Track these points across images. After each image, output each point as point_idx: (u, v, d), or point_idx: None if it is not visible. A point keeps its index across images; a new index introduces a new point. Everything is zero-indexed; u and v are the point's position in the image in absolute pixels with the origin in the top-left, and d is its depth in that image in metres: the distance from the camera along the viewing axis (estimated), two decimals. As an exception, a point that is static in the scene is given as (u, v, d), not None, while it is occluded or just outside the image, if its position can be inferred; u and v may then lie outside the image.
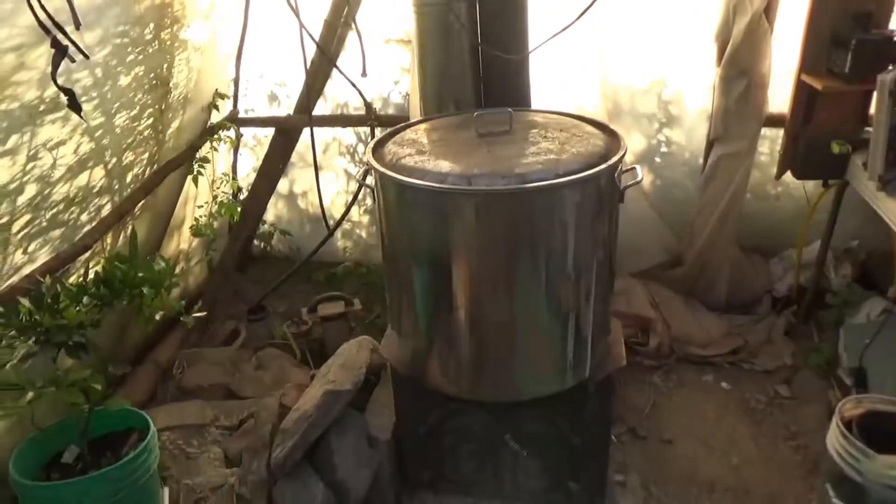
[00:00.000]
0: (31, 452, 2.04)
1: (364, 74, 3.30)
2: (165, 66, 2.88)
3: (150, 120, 2.88)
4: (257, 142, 3.98)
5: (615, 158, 1.86)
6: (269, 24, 3.58)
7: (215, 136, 3.55)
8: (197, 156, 3.44)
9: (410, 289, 2.03)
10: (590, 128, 2.12)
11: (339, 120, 3.70)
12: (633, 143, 3.55)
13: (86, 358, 2.12)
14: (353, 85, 3.39)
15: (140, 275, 2.24)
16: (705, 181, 3.43)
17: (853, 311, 3.23)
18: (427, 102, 2.57)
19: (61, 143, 2.32)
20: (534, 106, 2.59)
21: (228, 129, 3.56)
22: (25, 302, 1.97)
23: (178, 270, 3.64)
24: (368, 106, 3.54)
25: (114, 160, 2.68)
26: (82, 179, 2.51)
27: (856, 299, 3.25)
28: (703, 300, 3.59)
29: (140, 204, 2.98)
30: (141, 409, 3.13)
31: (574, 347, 2.02)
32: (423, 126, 2.22)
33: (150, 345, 3.49)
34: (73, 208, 2.50)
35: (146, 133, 2.88)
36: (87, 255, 2.63)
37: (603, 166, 1.81)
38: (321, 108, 3.81)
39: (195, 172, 3.31)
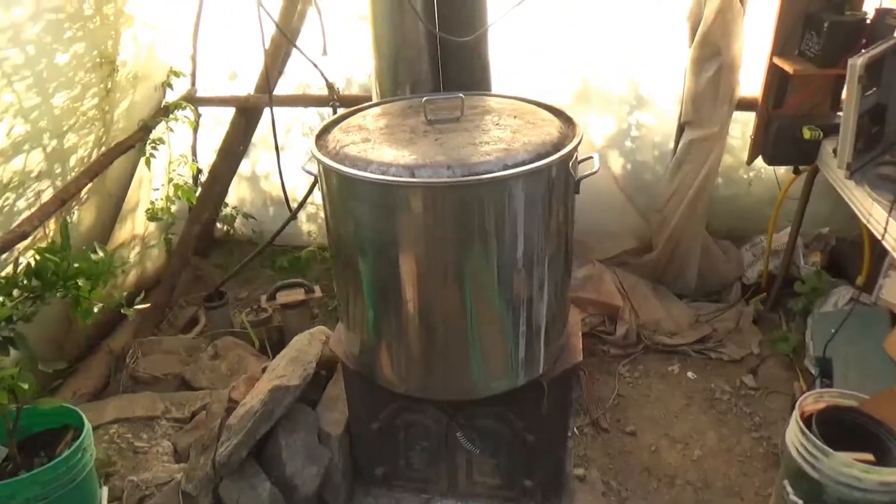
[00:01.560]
0: (-44, 454, 1.94)
1: (325, 53, 3.16)
2: (110, 42, 2.74)
3: (95, 100, 2.75)
4: (217, 121, 3.84)
5: (568, 148, 1.77)
6: (226, -2, 3.43)
7: (171, 116, 3.41)
8: (151, 137, 3.29)
9: (356, 282, 1.94)
10: (546, 114, 2.02)
11: (301, 100, 3.57)
12: (604, 125, 3.46)
13: (21, 353, 2.02)
14: (315, 65, 3.26)
15: (76, 266, 2.14)
16: (676, 165, 3.35)
17: (821, 300, 3.18)
18: (382, 85, 2.45)
19: (-11, 125, 2.19)
20: (498, 89, 2.48)
21: (184, 108, 3.42)
22: (-56, 297, 1.86)
23: (133, 255, 3.53)
24: (330, 86, 3.41)
25: (53, 143, 2.55)
26: (17, 163, 2.37)
27: (824, 287, 3.20)
28: (673, 287, 3.54)
29: (87, 188, 2.86)
30: (93, 400, 3.08)
31: (526, 344, 1.94)
32: (372, 111, 2.11)
33: (104, 332, 3.38)
34: (7, 194, 2.37)
35: (90, 114, 2.74)
36: (26, 242, 2.51)
37: (553, 157, 1.71)
38: (283, 87, 3.68)
39: (147, 154, 3.17)
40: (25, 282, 2.04)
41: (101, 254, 2.23)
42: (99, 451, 2.59)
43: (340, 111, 3.55)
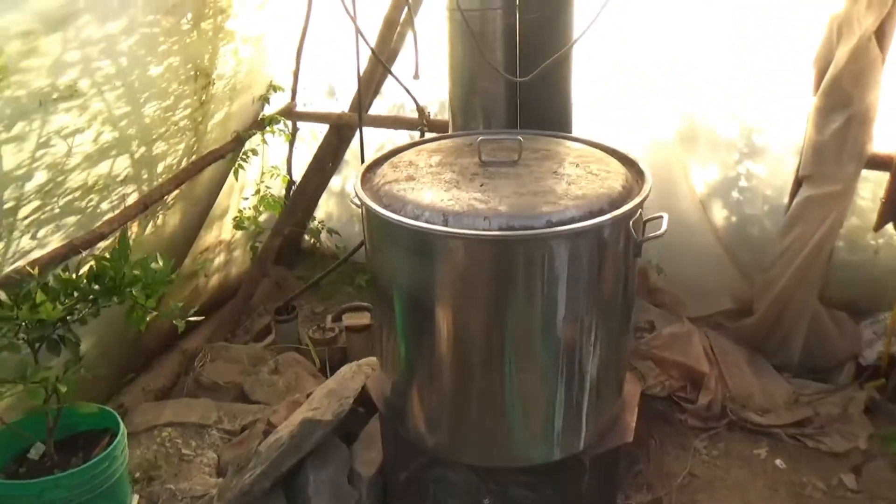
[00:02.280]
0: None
1: (416, 77, 3.11)
2: (207, 56, 2.82)
3: (188, 111, 2.84)
4: (314, 136, 3.90)
5: (626, 207, 1.57)
6: (330, 15, 3.46)
7: (266, 129, 3.48)
8: (245, 148, 3.38)
9: (390, 322, 1.83)
10: (616, 164, 1.83)
11: (391, 122, 3.53)
12: (709, 173, 3.15)
13: (70, 354, 2.09)
14: (406, 89, 3.22)
15: (135, 273, 2.19)
16: (789, 223, 2.98)
17: (953, 398, 2.70)
18: (455, 114, 2.35)
19: (77, 131, 2.29)
20: (585, 124, 2.31)
21: (278, 122, 3.48)
22: (1, 293, 1.95)
23: (217, 260, 3.63)
24: (421, 110, 3.36)
25: (142, 150, 2.65)
26: (103, 168, 2.48)
27: (958, 384, 2.72)
28: (772, 359, 3.15)
29: (174, 194, 2.96)
30: (160, 398, 3.18)
31: (565, 416, 1.75)
32: (428, 146, 2.00)
33: (184, 331, 3.50)
34: (91, 196, 2.48)
35: (182, 123, 2.83)
36: (107, 243, 2.62)
37: (606, 217, 1.52)
38: (378, 107, 3.67)
39: (237, 165, 3.25)
40: (86, 285, 2.11)
41: (160, 263, 2.28)
42: (149, 453, 2.66)
43: (426, 135, 3.53)
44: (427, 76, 3.17)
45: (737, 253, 3.20)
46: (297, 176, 3.95)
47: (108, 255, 2.07)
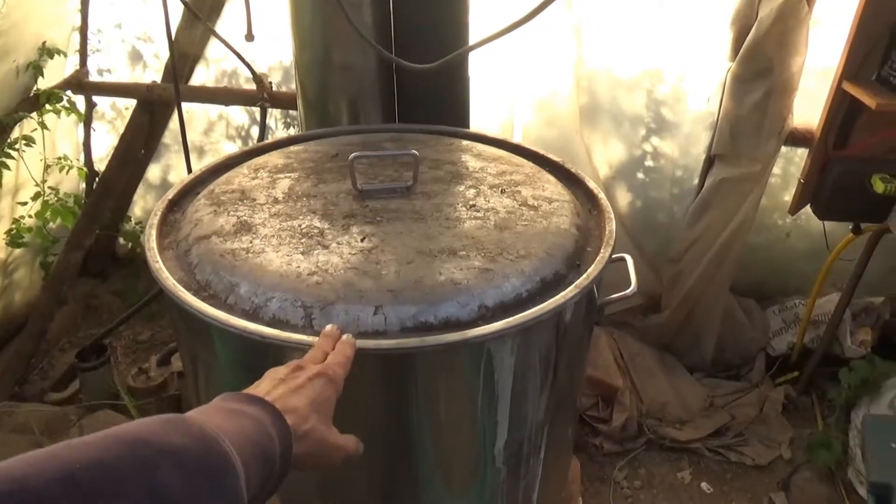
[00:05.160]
0: None
1: (250, 38, 2.35)
2: (-78, 8, 1.87)
3: None
4: (118, 114, 2.99)
5: (595, 268, 1.01)
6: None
7: (45, 109, 2.55)
8: (11, 137, 2.45)
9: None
10: (552, 182, 1.26)
11: (221, 95, 2.73)
12: (612, 151, 2.70)
13: None
14: (237, 54, 2.45)
15: None
16: (700, 208, 2.62)
17: (872, 393, 2.50)
18: (306, 93, 1.66)
19: None
20: (476, 104, 1.72)
21: (60, 98, 2.56)
22: None
23: (-10, 288, 2.69)
24: (259, 80, 2.61)
25: None
26: None
27: (876, 377, 2.52)
28: (684, 359, 2.83)
29: None
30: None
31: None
32: (270, 159, 1.31)
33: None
34: None
35: None
36: None
37: (571, 291, 0.95)
38: (203, 76, 2.84)
39: (-2, 162, 2.33)
40: None
41: None
42: None
43: (273, 115, 2.78)
44: (265, 34, 2.43)
45: (643, 242, 2.81)
46: (101, 166, 3.04)
47: None
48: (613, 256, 1.19)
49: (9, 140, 2.42)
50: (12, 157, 2.38)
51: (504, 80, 2.56)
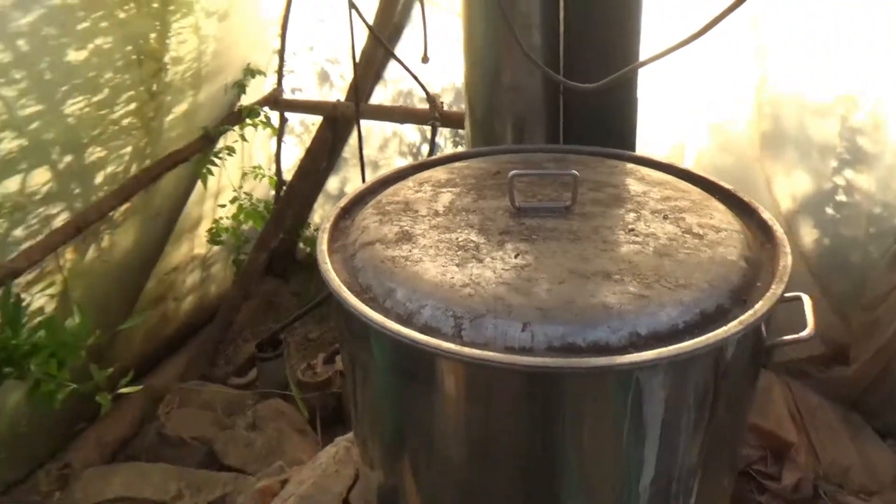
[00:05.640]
0: None
1: (425, 60, 2.47)
2: (153, 35, 2.19)
3: (132, 105, 2.22)
4: (306, 129, 3.26)
5: (763, 305, 0.93)
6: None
7: (245, 122, 2.86)
8: (218, 146, 2.77)
9: (375, 458, 1.22)
10: (722, 211, 1.18)
11: (396, 114, 2.89)
12: (796, 183, 2.47)
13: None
14: (413, 75, 2.58)
15: (35, 340, 1.60)
16: (902, 251, 2.32)
17: None
18: (474, 112, 1.70)
19: (-40, 141, 1.69)
20: (644, 136, 1.66)
21: (258, 113, 2.85)
22: None
23: (191, 280, 3.05)
24: (432, 100, 2.72)
25: (67, 158, 2.04)
26: (9, 186, 1.88)
27: None
28: (873, 421, 2.50)
29: (123, 208, 2.36)
30: (118, 451, 2.63)
31: None
32: (434, 174, 1.36)
33: (152, 364, 2.94)
34: (-1, 222, 1.89)
35: (125, 122, 2.22)
36: (27, 278, 2.04)
37: (733, 327, 0.88)
38: (381, 95, 3.03)
39: (204, 171, 2.64)
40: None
41: (77, 319, 1.69)
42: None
43: (444, 133, 2.89)
44: (439, 56, 2.54)
45: (830, 284, 2.53)
46: (288, 176, 3.34)
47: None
48: (788, 295, 1.09)
49: (214, 149, 2.74)
50: (216, 165, 2.68)
51: (677, 103, 2.45)
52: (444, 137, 3.02)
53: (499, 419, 0.96)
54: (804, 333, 1.02)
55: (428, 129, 2.87)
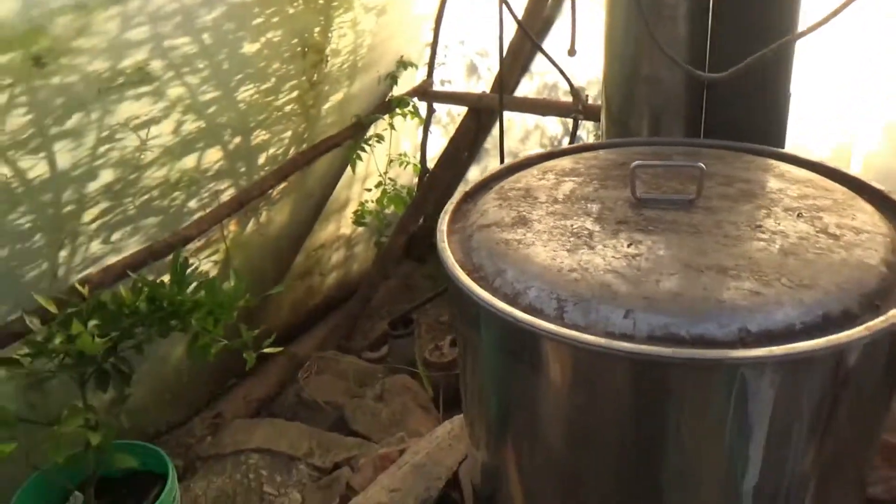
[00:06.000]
0: (36, 495, 1.76)
1: (572, 53, 2.47)
2: (317, 29, 2.38)
3: (295, 93, 2.43)
4: (452, 120, 3.37)
5: (894, 314, 0.86)
6: (473, -22, 2.90)
7: (394, 112, 3.02)
8: (369, 133, 2.95)
9: (482, 425, 1.27)
10: (868, 212, 1.09)
11: (539, 106, 2.90)
12: None
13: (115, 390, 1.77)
14: (558, 68, 2.58)
15: (197, 297, 1.81)
16: None
17: None
18: (610, 107, 1.69)
19: (152, 121, 1.95)
20: (791, 140, 1.57)
21: (408, 103, 3.00)
22: (35, 322, 1.65)
23: (336, 257, 3.27)
24: (576, 93, 2.70)
25: (236, 140, 2.28)
26: (188, 162, 2.14)
27: None
28: None
29: (280, 187, 2.59)
30: (262, 406, 2.90)
31: None
32: (560, 163, 1.37)
33: (297, 333, 3.20)
34: (175, 194, 2.16)
35: (288, 108, 2.44)
36: (197, 245, 2.31)
37: (856, 332, 0.83)
38: (527, 87, 3.06)
39: (354, 156, 2.82)
40: (141, 308, 1.77)
41: (232, 282, 1.90)
42: (229, 484, 2.36)
43: (587, 126, 2.87)
44: (586, 51, 2.52)
45: None
46: (432, 165, 3.47)
47: (143, 282, 1.69)
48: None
49: (365, 137, 2.91)
50: (365, 151, 2.86)
51: (845, 101, 2.26)
52: (587, 131, 2.99)
53: (598, 405, 0.96)
54: (953, 351, 0.93)
55: (570, 122, 2.87)
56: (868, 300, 0.90)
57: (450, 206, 1.26)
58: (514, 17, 2.42)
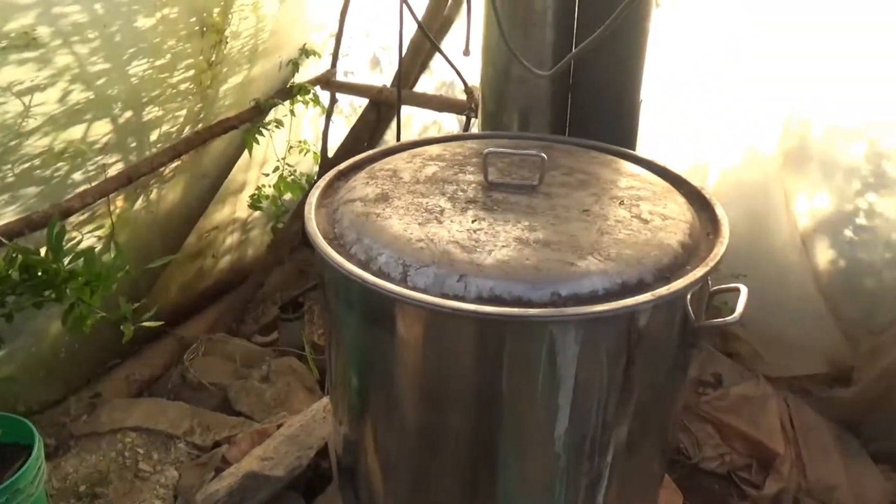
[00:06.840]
0: None
1: (466, 53, 2.60)
2: (217, 10, 2.39)
3: (191, 72, 2.43)
4: (353, 110, 3.44)
5: (681, 282, 1.03)
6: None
7: (295, 99, 3.06)
8: (268, 119, 2.97)
9: (342, 384, 1.37)
10: (680, 204, 1.27)
11: (435, 102, 3.03)
12: (817, 203, 2.49)
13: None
14: (453, 67, 2.71)
15: (72, 267, 1.81)
16: (916, 279, 2.31)
17: None
18: (485, 103, 1.83)
19: (36, 87, 1.92)
20: (670, 149, 1.77)
21: (309, 91, 3.05)
22: None
23: (230, 240, 3.28)
24: (469, 92, 2.84)
25: (127, 114, 2.27)
26: (74, 132, 2.12)
27: None
28: (869, 445, 2.49)
29: (173, 165, 2.58)
30: (145, 388, 2.87)
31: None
32: (429, 150, 1.50)
33: (191, 312, 3.17)
34: (59, 164, 2.13)
35: (183, 87, 2.44)
36: (80, 219, 2.28)
37: (643, 298, 0.99)
38: (426, 83, 3.18)
39: (252, 138, 2.84)
40: (12, 276, 1.75)
41: (112, 255, 1.90)
42: (103, 462, 2.34)
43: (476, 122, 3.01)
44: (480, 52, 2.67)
45: (841, 306, 2.54)
46: (332, 153, 3.53)
47: (17, 248, 1.69)
48: (726, 286, 1.18)
49: (264, 121, 2.94)
50: (263, 136, 2.88)
51: (702, 117, 2.51)
52: (479, 128, 3.14)
53: (438, 362, 1.09)
54: (730, 318, 1.11)
55: (463, 118, 3.01)
56: (661, 273, 1.06)
57: (322, 182, 1.35)
58: (415, 17, 2.53)
